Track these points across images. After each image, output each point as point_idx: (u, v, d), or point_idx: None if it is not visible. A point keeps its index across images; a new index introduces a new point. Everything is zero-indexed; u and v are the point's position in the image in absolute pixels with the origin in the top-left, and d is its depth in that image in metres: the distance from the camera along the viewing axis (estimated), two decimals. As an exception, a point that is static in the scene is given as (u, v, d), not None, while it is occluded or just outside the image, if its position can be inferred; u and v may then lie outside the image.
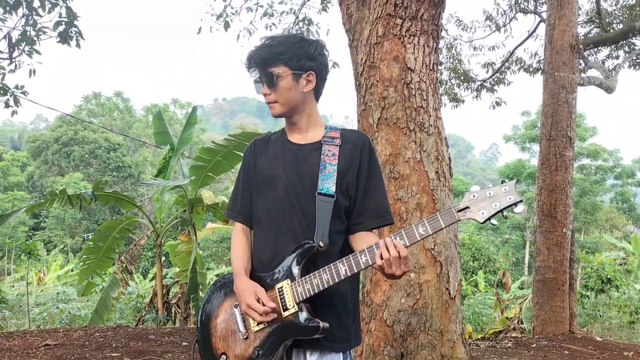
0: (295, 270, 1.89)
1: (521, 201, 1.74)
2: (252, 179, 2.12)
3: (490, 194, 1.75)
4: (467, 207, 1.77)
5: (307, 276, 1.87)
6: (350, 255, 1.84)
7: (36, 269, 21.77)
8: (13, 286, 19.18)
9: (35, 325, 11.84)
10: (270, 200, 2.03)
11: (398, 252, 1.75)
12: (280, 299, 1.88)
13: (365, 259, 1.81)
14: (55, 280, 21.08)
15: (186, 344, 5.85)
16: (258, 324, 1.91)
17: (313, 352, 1.93)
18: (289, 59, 1.97)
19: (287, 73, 1.97)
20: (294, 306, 1.86)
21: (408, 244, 1.79)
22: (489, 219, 1.75)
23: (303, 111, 2.06)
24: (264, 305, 1.85)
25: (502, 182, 1.77)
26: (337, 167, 2.00)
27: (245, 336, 1.93)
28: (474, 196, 1.77)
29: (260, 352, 1.90)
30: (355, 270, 1.82)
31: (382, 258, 1.76)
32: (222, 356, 1.97)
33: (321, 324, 1.85)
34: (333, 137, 2.06)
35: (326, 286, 1.84)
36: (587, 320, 11.76)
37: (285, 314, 1.87)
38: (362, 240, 2.00)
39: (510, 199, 1.73)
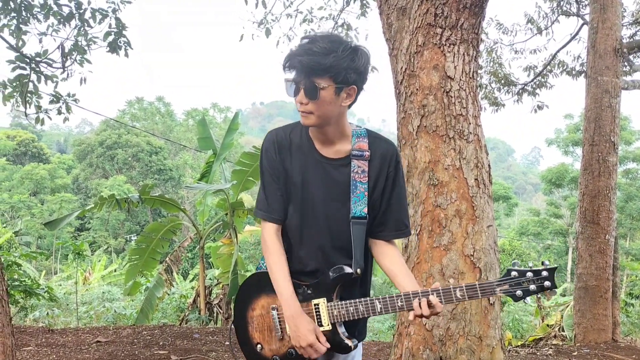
0: (332, 291, 2.00)
1: (556, 289, 1.87)
2: (282, 181, 2.06)
3: (529, 275, 1.86)
4: (506, 284, 1.88)
5: (344, 302, 1.99)
6: (387, 297, 1.96)
7: (81, 269, 22.50)
8: (60, 285, 19.88)
9: (82, 323, 12.28)
10: (304, 217, 2.05)
11: (433, 311, 1.92)
12: (316, 314, 2.01)
13: (401, 304, 1.95)
14: (99, 279, 21.78)
15: (229, 343, 6.03)
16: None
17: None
18: (336, 73, 1.84)
19: (331, 86, 1.86)
20: (328, 325, 2.00)
21: (443, 304, 1.92)
22: (523, 298, 1.87)
23: (336, 123, 1.99)
24: (321, 344, 1.97)
25: (542, 263, 1.88)
26: (367, 185, 2.01)
27: (280, 336, 2.06)
28: (514, 274, 1.87)
29: (293, 352, 2.03)
30: (390, 311, 1.97)
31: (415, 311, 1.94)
32: (258, 345, 2.11)
33: (352, 343, 2.01)
34: (362, 149, 2.02)
35: (360, 317, 1.99)
36: (632, 329, 11.47)
37: (319, 329, 2.00)
38: (384, 254, 2.11)
39: (547, 284, 1.85)
